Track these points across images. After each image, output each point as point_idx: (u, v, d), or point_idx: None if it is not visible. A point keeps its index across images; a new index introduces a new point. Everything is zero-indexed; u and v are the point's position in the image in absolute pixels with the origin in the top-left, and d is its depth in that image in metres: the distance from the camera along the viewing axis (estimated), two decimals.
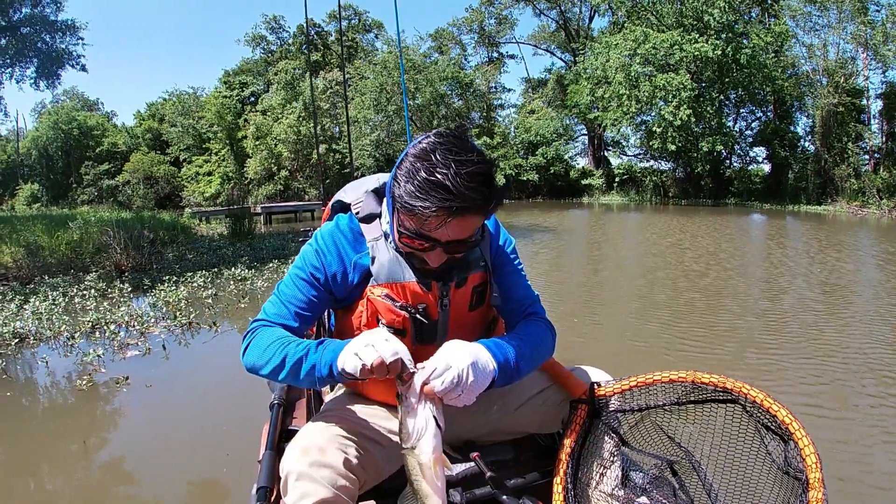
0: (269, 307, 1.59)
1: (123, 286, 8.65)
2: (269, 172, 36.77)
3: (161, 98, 50.83)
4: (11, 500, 3.38)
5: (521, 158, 37.38)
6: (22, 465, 3.78)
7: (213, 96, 43.71)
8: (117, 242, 11.01)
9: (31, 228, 12.19)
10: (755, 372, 5.11)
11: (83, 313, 7.26)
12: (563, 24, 42.54)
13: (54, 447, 4.04)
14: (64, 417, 4.61)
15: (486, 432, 1.81)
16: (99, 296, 8.20)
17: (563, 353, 1.83)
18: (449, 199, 1.30)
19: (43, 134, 46.71)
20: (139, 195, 41.89)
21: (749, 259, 12.28)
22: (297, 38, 46.90)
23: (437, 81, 36.12)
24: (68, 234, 11.72)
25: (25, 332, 6.50)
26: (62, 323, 6.71)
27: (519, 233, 17.95)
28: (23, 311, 7.32)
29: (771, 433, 1.48)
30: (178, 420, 4.40)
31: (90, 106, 57.43)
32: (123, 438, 4.21)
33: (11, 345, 6.15)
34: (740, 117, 33.57)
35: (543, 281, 9.91)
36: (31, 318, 6.90)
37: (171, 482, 3.45)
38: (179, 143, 45.46)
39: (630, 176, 36.34)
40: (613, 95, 30.22)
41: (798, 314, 7.26)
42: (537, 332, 1.65)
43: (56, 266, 10.25)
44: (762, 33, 28.39)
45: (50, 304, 7.55)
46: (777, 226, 20.02)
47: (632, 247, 14.88)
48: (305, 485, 1.37)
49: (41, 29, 23.59)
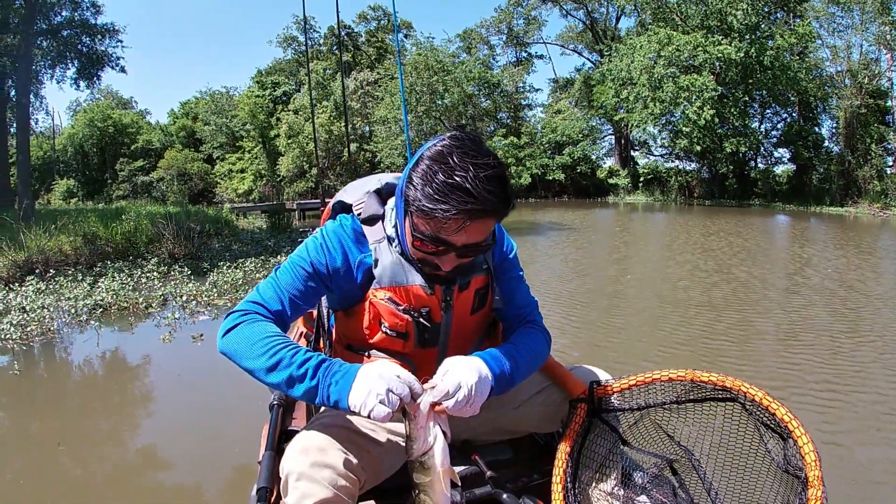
0: (264, 289, 1.57)
1: (183, 270, 9.40)
2: (301, 170, 37.51)
3: (194, 97, 52.01)
4: (145, 401, 4.80)
5: (548, 158, 37.72)
6: (140, 388, 5.18)
7: (246, 95, 44.56)
8: (170, 233, 11.82)
9: (86, 221, 12.96)
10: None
11: (151, 291, 8.19)
12: (590, 24, 42.61)
13: (157, 378, 5.38)
14: (157, 360, 5.80)
15: (485, 432, 1.82)
16: (161, 277, 8.99)
17: (588, 356, 2.08)
18: (470, 201, 1.30)
19: (79, 131, 47.83)
20: (173, 191, 42.84)
21: (783, 263, 11.89)
22: (328, 39, 47.70)
23: (464, 82, 36.67)
24: (123, 225, 12.47)
25: (105, 303, 7.49)
26: (135, 297, 7.68)
27: (543, 230, 18.48)
28: (96, 288, 8.15)
29: (770, 431, 1.49)
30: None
31: (124, 104, 58.75)
32: (205, 376, 5.27)
33: (97, 312, 7.17)
34: (765, 118, 33.44)
35: (571, 279, 10.28)
36: (108, 294, 7.78)
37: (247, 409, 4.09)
38: (213, 141, 46.51)
39: (655, 176, 36.38)
40: (638, 97, 30.39)
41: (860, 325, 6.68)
42: (534, 341, 1.67)
43: (113, 254, 11.03)
44: (786, 34, 28.35)
45: (120, 283, 8.40)
46: (801, 227, 19.95)
47: (661, 249, 14.58)
48: (306, 485, 1.37)
49: (81, 32, 24.39)
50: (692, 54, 28.17)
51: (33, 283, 8.20)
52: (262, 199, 36.88)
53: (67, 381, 5.45)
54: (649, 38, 29.87)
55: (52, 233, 10.97)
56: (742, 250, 13.20)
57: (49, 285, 8.37)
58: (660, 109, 29.72)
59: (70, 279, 8.71)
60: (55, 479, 3.48)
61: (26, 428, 4.32)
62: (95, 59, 25.10)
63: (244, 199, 39.77)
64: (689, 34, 28.99)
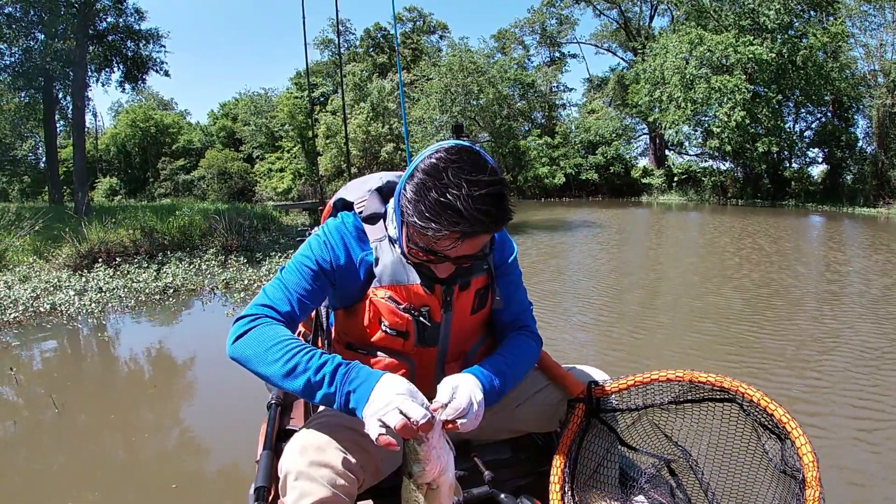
0: (271, 290, 1.56)
1: (238, 259, 10.09)
2: (339, 169, 38.16)
3: (234, 98, 53.21)
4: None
5: (581, 158, 37.81)
6: (216, 360, 5.41)
7: (285, 97, 45.39)
8: (223, 227, 12.53)
9: (142, 216, 13.76)
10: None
11: (213, 276, 8.98)
12: (624, 23, 42.39)
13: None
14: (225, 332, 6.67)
15: (483, 432, 1.71)
16: (219, 265, 9.75)
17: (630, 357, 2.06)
18: (461, 222, 1.29)
19: (121, 131, 49.37)
20: (214, 189, 44.06)
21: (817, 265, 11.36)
22: (364, 41, 48.47)
23: (499, 82, 37.01)
24: (178, 219, 13.22)
25: (174, 285, 8.34)
26: (199, 281, 8.57)
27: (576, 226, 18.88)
28: (162, 273, 8.94)
29: (768, 432, 1.49)
30: None
31: (165, 105, 60.41)
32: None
33: (169, 292, 8.06)
34: (800, 118, 33.01)
35: (606, 275, 10.61)
36: (174, 278, 8.61)
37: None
38: (252, 141, 47.62)
39: (689, 176, 36.12)
40: (670, 98, 30.35)
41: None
42: (525, 349, 1.67)
43: (169, 246, 11.75)
44: (819, 33, 28.03)
45: (184, 269, 9.20)
46: (836, 229, 19.42)
47: (702, 252, 13.77)
48: (304, 484, 1.37)
49: (126, 37, 25.42)
50: (724, 54, 28.07)
51: (102, 270, 8.94)
52: (300, 198, 37.68)
53: (136, 347, 6.19)
54: (680, 39, 29.84)
55: (110, 226, 11.73)
56: (777, 252, 13.00)
57: (116, 271, 9.11)
58: (692, 110, 29.67)
59: (136, 266, 9.46)
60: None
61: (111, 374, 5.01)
62: (140, 63, 26.13)
63: (283, 197, 40.56)
64: (720, 34, 28.88)
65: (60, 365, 5.66)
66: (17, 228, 11.03)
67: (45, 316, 7.00)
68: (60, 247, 10.52)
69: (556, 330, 6.52)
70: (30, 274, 8.98)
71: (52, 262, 9.92)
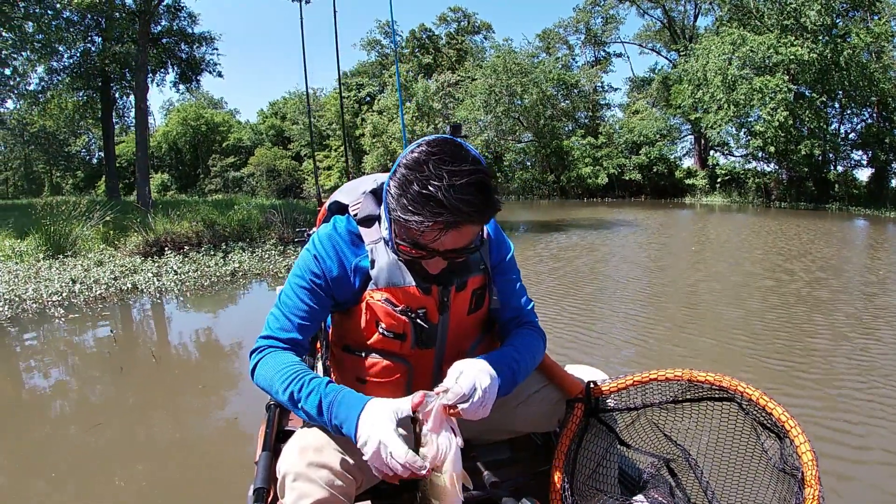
0: (272, 321, 1.57)
1: (297, 249, 10.78)
2: (385, 168, 38.81)
3: (283, 97, 54.65)
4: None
5: (625, 158, 37.61)
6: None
7: (332, 97, 46.51)
8: (280, 220, 13.29)
9: (203, 209, 14.58)
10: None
11: (274, 264, 9.78)
12: (668, 23, 41.84)
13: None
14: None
15: (483, 432, 1.77)
16: (279, 254, 10.56)
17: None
18: (443, 212, 1.29)
19: (173, 129, 51.53)
20: (263, 186, 45.56)
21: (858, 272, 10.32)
22: (410, 42, 49.26)
23: (543, 83, 37.24)
24: (237, 213, 14.02)
25: (242, 270, 9.24)
26: (264, 267, 9.46)
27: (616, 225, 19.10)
28: (229, 260, 9.75)
29: (767, 431, 1.50)
30: None
31: (215, 104, 62.21)
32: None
33: (238, 275, 8.98)
34: (845, 119, 32.14)
35: (646, 279, 10.84)
36: (241, 264, 9.48)
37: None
38: (300, 140, 48.98)
39: (733, 177, 35.53)
40: (713, 98, 30.04)
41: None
42: (532, 342, 1.66)
43: (230, 237, 12.52)
44: (862, 33, 27.45)
45: (248, 256, 10.06)
46: (881, 235, 18.12)
47: (754, 256, 12.38)
48: (303, 485, 1.38)
49: (179, 40, 26.61)
50: (766, 55, 27.77)
51: (172, 256, 9.71)
52: None
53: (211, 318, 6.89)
54: (723, 39, 29.57)
55: (174, 218, 12.58)
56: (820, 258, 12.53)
57: (185, 258, 9.90)
58: (734, 111, 29.42)
59: (202, 254, 10.29)
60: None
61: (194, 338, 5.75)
62: (194, 65, 27.30)
63: (330, 194, 41.33)
64: (763, 34, 28.58)
65: (149, 331, 6.52)
66: (87, 219, 11.86)
67: (127, 294, 7.83)
68: (127, 236, 11.41)
69: (605, 323, 6.72)
70: (103, 259, 9.81)
71: (121, 250, 10.76)
